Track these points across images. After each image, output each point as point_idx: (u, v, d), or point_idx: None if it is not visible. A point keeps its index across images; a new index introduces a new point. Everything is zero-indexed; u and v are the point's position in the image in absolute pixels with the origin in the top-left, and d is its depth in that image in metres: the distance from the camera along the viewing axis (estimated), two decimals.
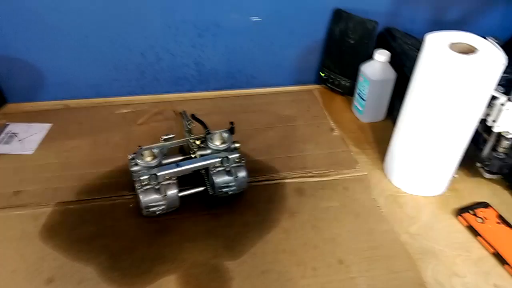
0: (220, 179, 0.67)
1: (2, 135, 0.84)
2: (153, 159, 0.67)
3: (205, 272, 0.60)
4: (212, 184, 0.68)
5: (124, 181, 0.73)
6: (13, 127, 0.87)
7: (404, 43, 0.90)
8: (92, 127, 0.88)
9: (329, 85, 1.02)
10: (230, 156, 0.68)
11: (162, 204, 0.64)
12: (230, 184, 0.68)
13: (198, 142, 0.71)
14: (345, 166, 0.79)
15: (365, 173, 0.77)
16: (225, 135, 0.71)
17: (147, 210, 0.64)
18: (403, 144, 0.71)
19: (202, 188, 0.69)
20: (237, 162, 0.69)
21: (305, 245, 0.64)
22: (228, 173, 0.67)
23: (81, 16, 0.87)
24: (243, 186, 0.69)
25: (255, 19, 0.94)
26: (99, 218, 0.67)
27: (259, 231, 0.66)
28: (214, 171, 0.67)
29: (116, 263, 0.61)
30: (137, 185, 0.64)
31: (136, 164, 0.66)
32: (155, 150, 0.68)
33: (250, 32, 0.95)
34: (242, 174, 0.68)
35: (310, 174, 0.77)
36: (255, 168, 0.77)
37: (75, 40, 0.89)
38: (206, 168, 0.69)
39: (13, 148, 0.81)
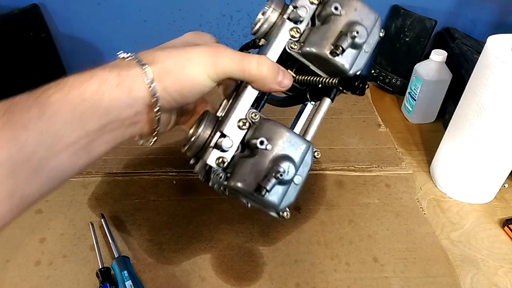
0: None
1: None
2: None
3: (239, 254, 0.61)
4: None
5: (168, 158, 0.76)
6: None
7: (463, 44, 0.87)
8: None
9: (379, 82, 1.00)
10: None
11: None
12: None
13: None
14: (389, 163, 0.77)
15: (410, 172, 0.75)
16: None
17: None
18: (453, 148, 0.69)
19: None
20: None
21: (341, 239, 0.64)
22: None
23: (142, 0, 0.90)
24: None
25: None
26: (143, 192, 0.70)
27: (295, 220, 0.66)
28: None
29: (156, 237, 0.63)
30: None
31: None
32: None
33: None
34: None
35: (352, 168, 0.76)
36: None
37: (133, 24, 0.93)
38: None
39: None
